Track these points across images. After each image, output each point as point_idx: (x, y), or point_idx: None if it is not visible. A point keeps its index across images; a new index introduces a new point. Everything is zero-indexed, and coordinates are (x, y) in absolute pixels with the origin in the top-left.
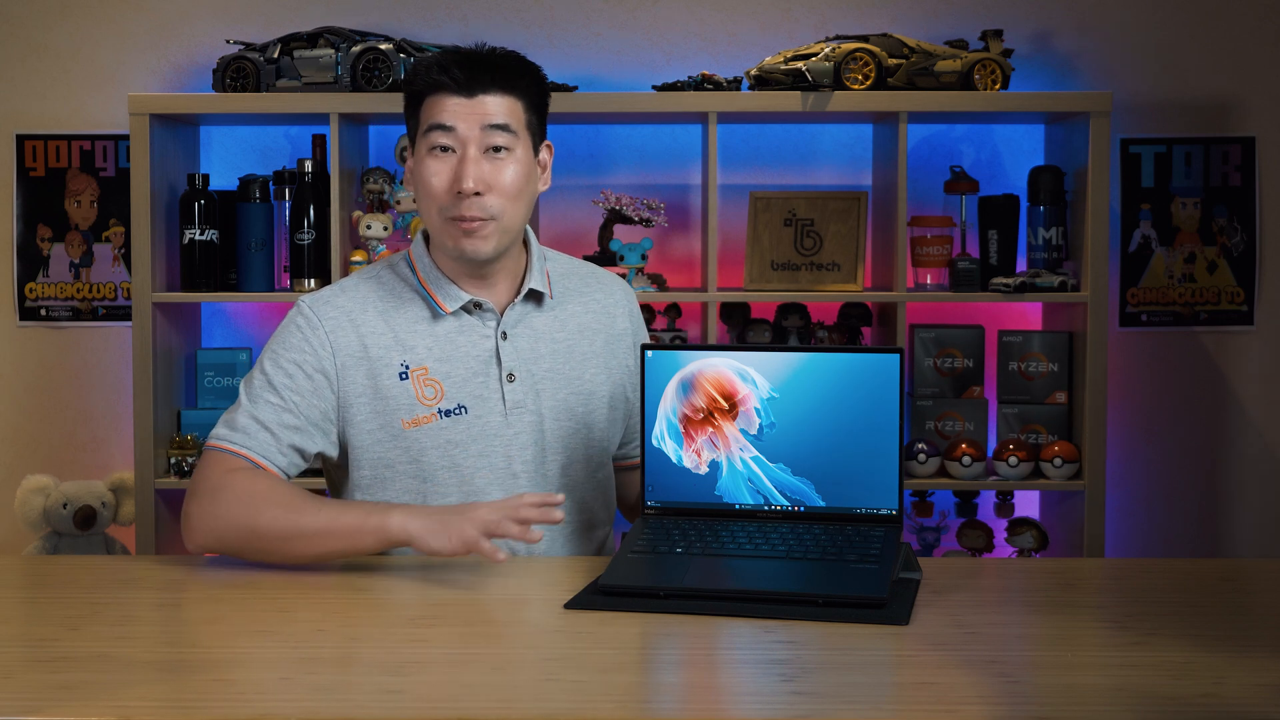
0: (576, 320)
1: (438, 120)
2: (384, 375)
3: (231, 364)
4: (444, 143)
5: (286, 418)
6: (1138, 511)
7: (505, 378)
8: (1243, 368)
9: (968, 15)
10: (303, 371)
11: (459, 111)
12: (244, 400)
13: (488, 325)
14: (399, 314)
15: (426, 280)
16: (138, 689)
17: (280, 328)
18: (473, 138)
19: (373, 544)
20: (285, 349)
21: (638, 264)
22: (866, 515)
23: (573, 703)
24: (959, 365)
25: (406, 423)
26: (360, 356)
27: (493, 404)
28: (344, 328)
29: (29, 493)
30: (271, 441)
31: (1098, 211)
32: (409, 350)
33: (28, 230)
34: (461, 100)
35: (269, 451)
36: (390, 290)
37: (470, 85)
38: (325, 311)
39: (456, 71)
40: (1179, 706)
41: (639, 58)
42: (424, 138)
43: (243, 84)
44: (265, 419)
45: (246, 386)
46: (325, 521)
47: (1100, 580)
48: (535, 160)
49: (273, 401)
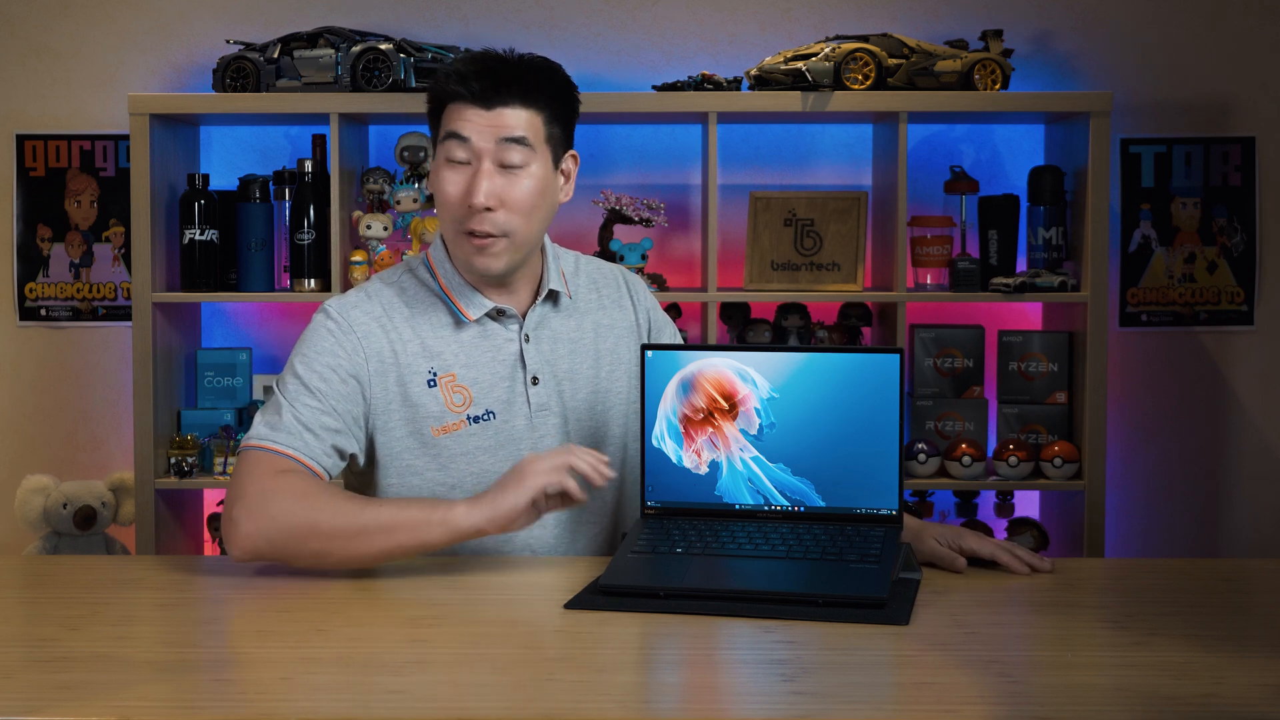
0: (592, 318)
1: (454, 130)
2: (413, 382)
3: (231, 364)
4: (459, 154)
5: (327, 420)
6: (1138, 511)
7: (529, 381)
8: (1243, 368)
9: (968, 15)
10: (337, 375)
11: (476, 123)
12: (282, 402)
13: (510, 330)
14: (424, 320)
15: (449, 287)
16: (138, 689)
17: (308, 332)
18: (487, 151)
19: (440, 537)
20: (317, 353)
21: (638, 264)
22: (866, 515)
23: (573, 703)
24: (959, 365)
25: (436, 430)
26: (390, 363)
27: (518, 408)
28: (374, 333)
29: (29, 493)
30: (315, 443)
31: (1098, 211)
32: (436, 357)
33: (28, 230)
34: (479, 111)
35: (314, 453)
36: (414, 296)
37: (488, 97)
38: (355, 316)
39: (474, 83)
40: (1179, 706)
41: (639, 58)
42: (442, 145)
43: (243, 84)
44: (307, 420)
45: (281, 390)
46: (389, 516)
47: (1100, 580)
48: (556, 172)
49: (311, 404)
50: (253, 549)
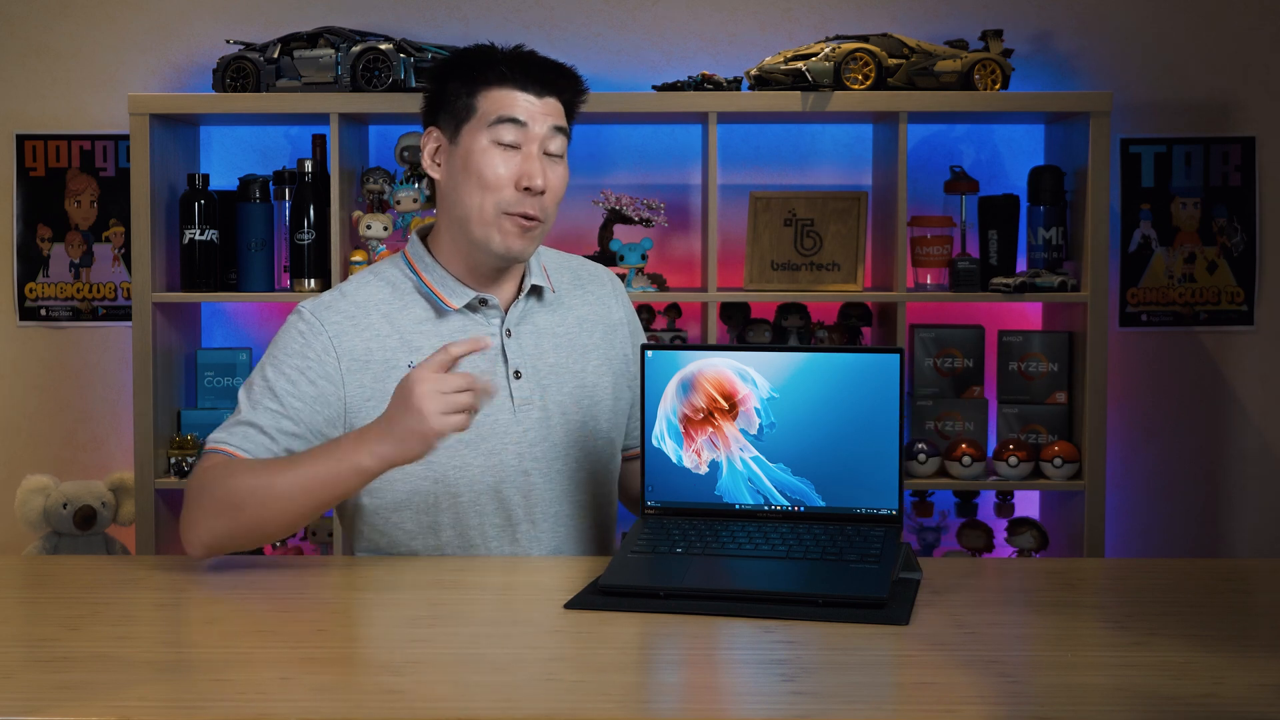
0: (575, 314)
1: (510, 114)
2: (391, 377)
3: (231, 364)
4: (513, 138)
5: (286, 424)
6: (1138, 511)
7: (512, 375)
8: (1243, 368)
9: (968, 15)
10: (305, 378)
11: (532, 110)
12: (244, 406)
13: (492, 323)
14: (403, 315)
15: (430, 279)
16: (138, 689)
17: (280, 333)
18: (540, 136)
19: (355, 484)
20: (287, 355)
21: (638, 264)
22: (866, 515)
23: (573, 703)
24: (959, 365)
25: None
26: (365, 360)
27: (501, 401)
28: (347, 332)
29: (29, 493)
30: (268, 444)
31: (1098, 211)
32: (415, 350)
33: (28, 230)
34: (532, 99)
35: (262, 453)
36: (392, 291)
37: (542, 85)
38: (327, 316)
39: (532, 69)
40: (1179, 706)
41: (639, 58)
42: (490, 129)
43: (243, 84)
44: (264, 424)
45: (247, 392)
46: (302, 477)
47: (1100, 580)
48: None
49: (272, 408)
50: (197, 541)
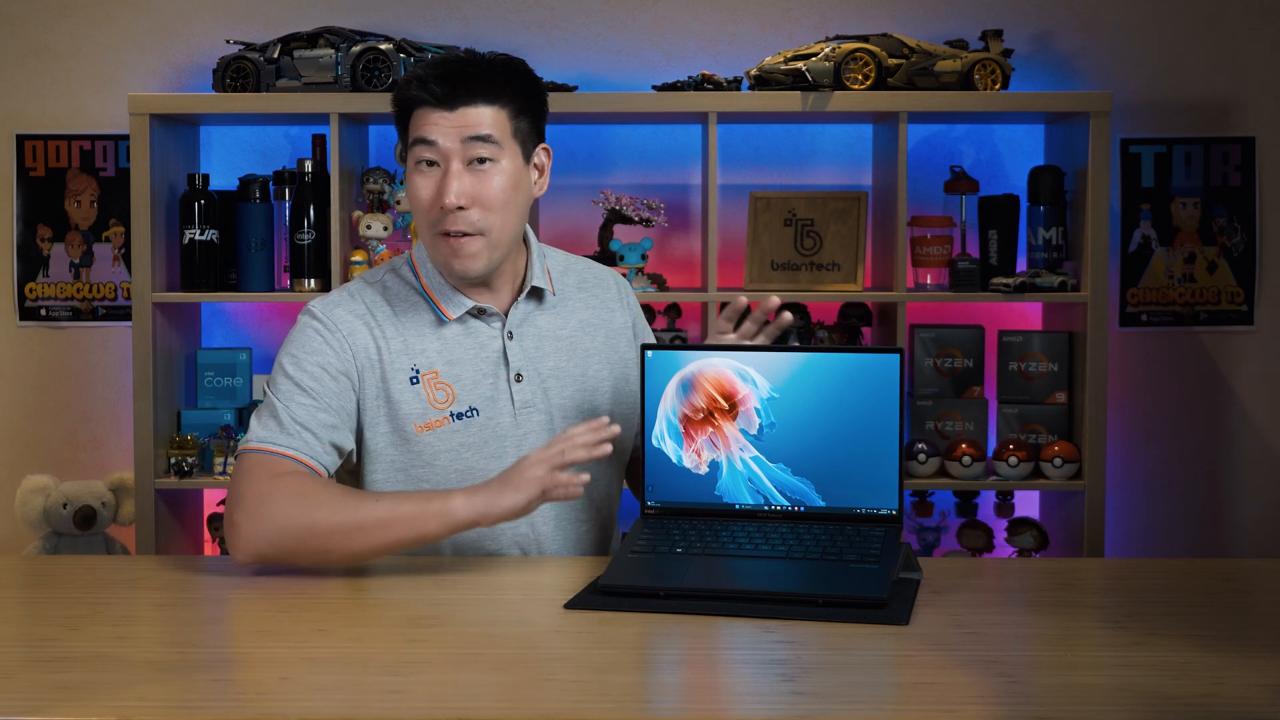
0: (578, 317)
1: (420, 134)
2: (395, 380)
3: (231, 364)
4: (428, 157)
5: (323, 416)
6: (1138, 511)
7: (513, 378)
8: (1243, 368)
9: (968, 15)
10: (327, 374)
11: (440, 125)
12: (276, 403)
13: (493, 327)
14: (406, 319)
15: (430, 287)
16: (138, 689)
17: (294, 334)
18: (454, 151)
19: (437, 529)
20: (306, 353)
21: (638, 264)
22: (866, 515)
23: (573, 703)
24: (959, 365)
25: (419, 427)
26: (375, 360)
27: (502, 405)
28: (359, 331)
29: (29, 493)
30: (314, 441)
31: (1098, 211)
32: (418, 355)
33: (28, 230)
34: (443, 113)
35: (313, 450)
36: (396, 295)
37: (450, 98)
38: (339, 315)
39: (434, 86)
40: (1179, 706)
41: (639, 58)
42: (410, 151)
43: (243, 84)
44: (303, 419)
45: (273, 391)
46: (385, 511)
47: (1100, 580)
48: (528, 166)
49: (305, 403)
50: (255, 552)
